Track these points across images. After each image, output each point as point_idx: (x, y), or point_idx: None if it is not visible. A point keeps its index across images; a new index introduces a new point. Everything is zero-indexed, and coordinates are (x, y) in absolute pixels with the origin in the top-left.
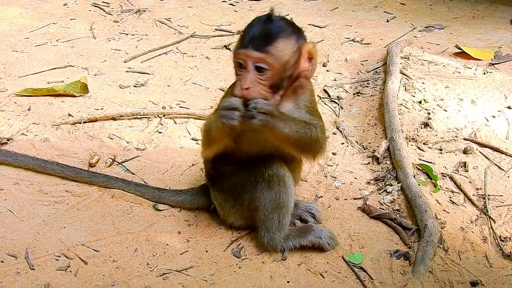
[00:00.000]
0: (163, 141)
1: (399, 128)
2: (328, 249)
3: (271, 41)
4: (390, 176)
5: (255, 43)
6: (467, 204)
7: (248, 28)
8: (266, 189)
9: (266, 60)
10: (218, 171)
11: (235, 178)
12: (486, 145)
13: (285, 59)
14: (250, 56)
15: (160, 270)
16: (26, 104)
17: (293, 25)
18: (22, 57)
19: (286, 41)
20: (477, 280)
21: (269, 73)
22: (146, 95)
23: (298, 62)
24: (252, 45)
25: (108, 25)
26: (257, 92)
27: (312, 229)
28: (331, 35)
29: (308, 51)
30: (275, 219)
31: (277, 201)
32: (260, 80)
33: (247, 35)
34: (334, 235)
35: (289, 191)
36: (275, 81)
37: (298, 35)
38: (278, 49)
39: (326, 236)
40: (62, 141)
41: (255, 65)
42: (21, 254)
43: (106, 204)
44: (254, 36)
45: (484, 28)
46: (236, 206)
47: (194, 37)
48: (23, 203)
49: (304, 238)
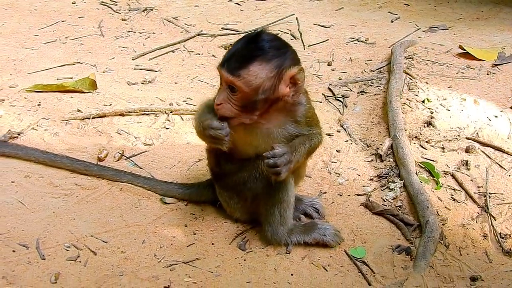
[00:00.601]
0: (170, 136)
1: (402, 126)
2: (333, 245)
3: (245, 65)
4: (393, 173)
5: (230, 64)
6: (468, 201)
7: (232, 45)
8: (266, 185)
9: (235, 83)
10: (221, 168)
11: (237, 176)
12: (488, 144)
13: (256, 84)
14: (223, 76)
15: (167, 262)
16: (36, 100)
17: (280, 47)
18: (31, 54)
19: (261, 65)
20: (477, 275)
21: (239, 95)
22: (154, 92)
23: (276, 87)
24: (227, 66)
25: (116, 23)
26: (228, 109)
27: (317, 226)
28: (336, 35)
29: (291, 76)
30: (277, 214)
31: (276, 197)
32: (232, 100)
33: (227, 54)
34: (339, 232)
35: (288, 186)
36: (246, 103)
37: (282, 58)
38: (250, 73)
39: (331, 234)
40: (71, 136)
41: (228, 85)
42: (32, 244)
43: (115, 197)
44: (232, 56)
45: (488, 29)
46: (240, 202)
47: (200, 35)
48: (34, 195)
49: (308, 235)
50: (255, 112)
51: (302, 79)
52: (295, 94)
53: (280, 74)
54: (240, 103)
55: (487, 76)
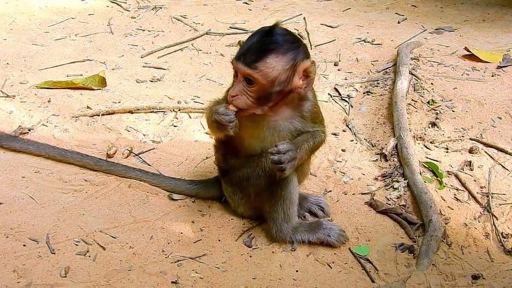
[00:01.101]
0: (178, 134)
1: (407, 127)
2: (336, 246)
3: (262, 57)
4: (397, 173)
5: (247, 57)
6: (471, 201)
7: (247, 40)
8: (268, 182)
9: (253, 75)
10: (227, 164)
11: (241, 172)
12: (491, 145)
13: (273, 75)
14: (240, 69)
15: (174, 257)
16: (46, 96)
17: (293, 41)
18: (42, 50)
19: (278, 58)
20: (479, 274)
21: (256, 87)
22: (162, 89)
23: (290, 79)
24: (244, 59)
25: (126, 21)
26: (242, 101)
27: (322, 226)
28: (343, 35)
29: (305, 69)
30: (280, 211)
31: (279, 194)
32: (248, 92)
33: (243, 47)
34: (344, 232)
35: (291, 183)
36: (262, 95)
37: (296, 52)
38: (267, 65)
39: (335, 234)
40: (81, 132)
41: (245, 77)
42: (42, 238)
43: (123, 193)
44: (248, 50)
45: (493, 31)
46: (244, 198)
47: (209, 34)
48: (44, 191)
49: (313, 234)
50: (268, 103)
51: (314, 72)
52: (307, 87)
53: (294, 67)
54: (256, 95)
55: (492, 77)
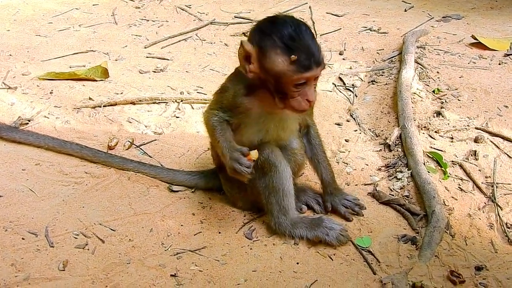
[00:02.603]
0: (180, 125)
1: (411, 116)
2: (334, 246)
3: (321, 52)
4: (401, 163)
5: (317, 60)
6: (475, 191)
7: (302, 46)
8: (261, 175)
9: (320, 73)
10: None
11: None
12: (497, 135)
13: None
14: (317, 73)
15: (174, 250)
16: (49, 88)
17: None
18: (45, 41)
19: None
20: (482, 265)
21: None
22: (165, 80)
23: None
24: (316, 64)
25: (130, 11)
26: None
27: (322, 224)
28: (349, 24)
29: None
30: (275, 203)
31: (271, 186)
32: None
33: (307, 55)
34: (345, 232)
35: (283, 175)
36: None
37: None
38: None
39: (334, 234)
40: (82, 124)
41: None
42: (41, 232)
43: (124, 186)
44: (314, 54)
45: (501, 19)
46: (241, 192)
47: (213, 24)
48: (44, 183)
49: (312, 232)
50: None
51: None
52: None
53: None
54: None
55: (498, 66)
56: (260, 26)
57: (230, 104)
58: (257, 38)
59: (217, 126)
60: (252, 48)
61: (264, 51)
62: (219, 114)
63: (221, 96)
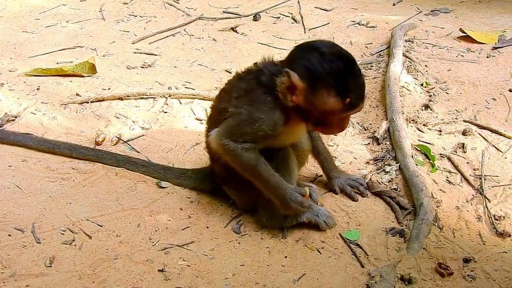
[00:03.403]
0: (168, 120)
1: (399, 109)
2: (323, 228)
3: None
4: (389, 156)
5: (364, 97)
6: (463, 184)
7: (354, 87)
8: None
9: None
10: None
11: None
12: (485, 127)
13: None
14: (360, 109)
15: (161, 245)
16: (36, 84)
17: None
18: (32, 37)
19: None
20: (470, 257)
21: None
22: (153, 75)
23: None
24: (363, 101)
25: (117, 6)
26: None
27: (310, 207)
28: (337, 18)
29: None
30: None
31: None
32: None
33: (358, 95)
34: (331, 215)
35: (292, 175)
36: None
37: None
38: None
39: (323, 215)
40: (69, 120)
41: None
42: (28, 228)
43: (111, 181)
44: (364, 93)
45: (489, 12)
46: (247, 194)
47: (201, 19)
48: (31, 180)
49: (302, 215)
50: None
51: None
52: None
53: None
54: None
55: (487, 59)
56: (308, 58)
57: (268, 135)
58: (306, 73)
59: (257, 162)
60: (300, 82)
61: (315, 89)
62: (252, 147)
63: (253, 127)
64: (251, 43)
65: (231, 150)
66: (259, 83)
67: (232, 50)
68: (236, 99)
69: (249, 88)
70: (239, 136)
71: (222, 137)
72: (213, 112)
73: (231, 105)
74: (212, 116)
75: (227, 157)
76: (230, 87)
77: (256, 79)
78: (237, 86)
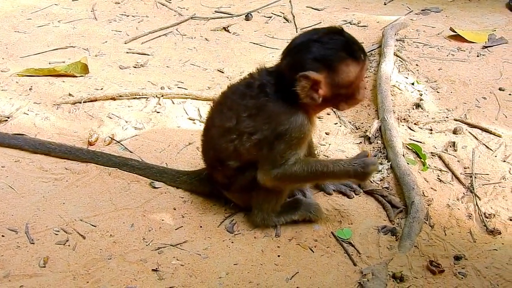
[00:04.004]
0: (161, 120)
1: (391, 108)
2: (317, 220)
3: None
4: (381, 155)
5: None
6: (454, 182)
7: (354, 45)
8: None
9: None
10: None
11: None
12: (475, 126)
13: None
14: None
15: (155, 245)
16: (28, 84)
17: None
18: (24, 37)
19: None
20: (461, 254)
21: None
22: (146, 75)
23: None
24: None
25: (109, 6)
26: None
27: (301, 203)
28: (329, 18)
29: None
30: (273, 203)
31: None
32: None
33: (361, 49)
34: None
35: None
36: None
37: None
38: None
39: (315, 210)
40: (62, 120)
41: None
42: (22, 228)
43: (104, 181)
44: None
45: (480, 12)
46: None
47: (194, 19)
48: (24, 180)
49: (295, 213)
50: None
51: None
52: None
53: None
54: None
55: (477, 58)
56: (310, 51)
57: (301, 140)
58: (318, 64)
59: (309, 167)
60: (319, 75)
61: (335, 70)
62: (296, 158)
63: (286, 141)
64: (243, 43)
65: (283, 175)
66: (267, 96)
67: (224, 50)
68: (249, 118)
69: (259, 104)
70: (280, 158)
71: (269, 172)
72: (217, 131)
73: (246, 126)
74: (216, 134)
75: (286, 183)
76: (232, 103)
77: (262, 92)
78: (243, 103)
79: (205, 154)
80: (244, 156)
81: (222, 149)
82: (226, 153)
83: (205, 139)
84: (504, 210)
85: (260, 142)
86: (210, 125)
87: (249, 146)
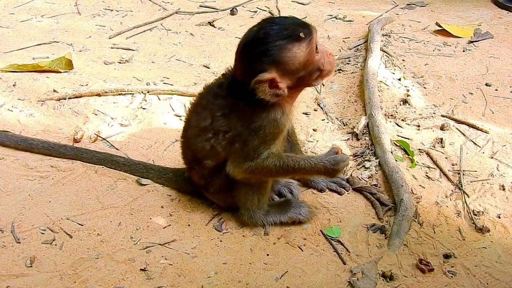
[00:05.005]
0: (147, 117)
1: (378, 104)
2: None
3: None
4: (369, 152)
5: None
6: (442, 179)
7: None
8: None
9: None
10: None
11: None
12: (462, 122)
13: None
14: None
15: (143, 244)
16: (12, 80)
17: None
18: (7, 32)
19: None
20: (450, 252)
21: None
22: (131, 71)
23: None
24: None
25: (93, 1)
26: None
27: (291, 205)
28: (314, 12)
29: None
30: (255, 199)
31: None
32: None
33: (302, 26)
34: (312, 209)
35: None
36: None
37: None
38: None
39: (305, 212)
40: (47, 116)
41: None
42: (7, 228)
43: (91, 179)
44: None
45: (465, 6)
46: (228, 194)
47: (178, 13)
48: (9, 178)
49: (284, 214)
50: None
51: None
52: None
53: None
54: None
55: (463, 53)
56: (252, 53)
57: (277, 134)
58: (266, 64)
59: (281, 161)
60: (270, 73)
61: (281, 61)
62: (269, 152)
63: (260, 137)
64: (229, 38)
65: (255, 168)
66: (237, 95)
67: (210, 45)
68: (223, 117)
69: (230, 103)
70: (253, 152)
71: (241, 165)
72: (194, 131)
73: (221, 124)
74: (193, 134)
75: (257, 176)
76: (207, 103)
77: (232, 93)
78: (216, 103)
79: (184, 155)
80: (221, 155)
81: (199, 148)
82: (203, 152)
83: (184, 139)
84: (493, 208)
85: (235, 139)
86: (188, 126)
87: (225, 144)
